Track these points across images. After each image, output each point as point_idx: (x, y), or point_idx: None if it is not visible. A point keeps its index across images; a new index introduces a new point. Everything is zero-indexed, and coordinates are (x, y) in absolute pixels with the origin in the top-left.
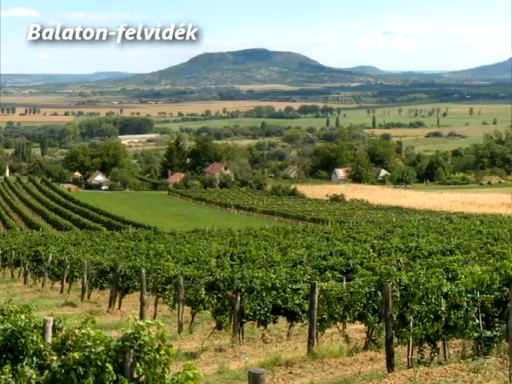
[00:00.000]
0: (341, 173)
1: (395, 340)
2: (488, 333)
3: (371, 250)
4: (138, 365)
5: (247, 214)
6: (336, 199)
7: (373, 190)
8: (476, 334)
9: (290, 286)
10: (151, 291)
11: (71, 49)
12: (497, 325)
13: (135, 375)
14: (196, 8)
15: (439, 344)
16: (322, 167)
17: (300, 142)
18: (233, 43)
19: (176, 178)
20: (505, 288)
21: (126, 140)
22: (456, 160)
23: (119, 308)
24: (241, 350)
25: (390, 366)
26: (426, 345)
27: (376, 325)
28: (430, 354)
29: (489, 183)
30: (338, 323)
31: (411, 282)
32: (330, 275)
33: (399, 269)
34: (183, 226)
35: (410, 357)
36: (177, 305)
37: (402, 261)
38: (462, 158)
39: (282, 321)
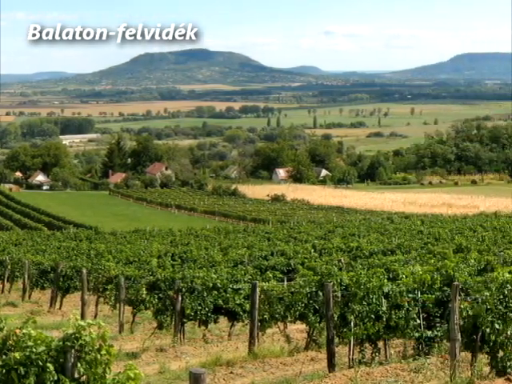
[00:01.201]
0: (282, 173)
1: (336, 340)
2: (429, 333)
3: (312, 250)
4: (79, 365)
5: (188, 214)
6: (277, 199)
7: (314, 190)
8: (417, 334)
9: (231, 286)
10: (92, 291)
11: (11, 48)
12: (438, 325)
13: (76, 375)
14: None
15: (380, 344)
16: (262, 167)
17: (241, 142)
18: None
19: (117, 178)
20: (446, 288)
21: (67, 140)
22: (397, 160)
23: (60, 308)
24: (182, 349)
25: (331, 365)
26: (367, 345)
27: (317, 325)
28: (371, 353)
29: (430, 183)
30: (279, 323)
31: (352, 282)
32: (271, 275)
33: (340, 269)
34: (124, 226)
35: (351, 357)
36: (118, 305)
37: (343, 261)
38: (403, 158)
39: (223, 321)
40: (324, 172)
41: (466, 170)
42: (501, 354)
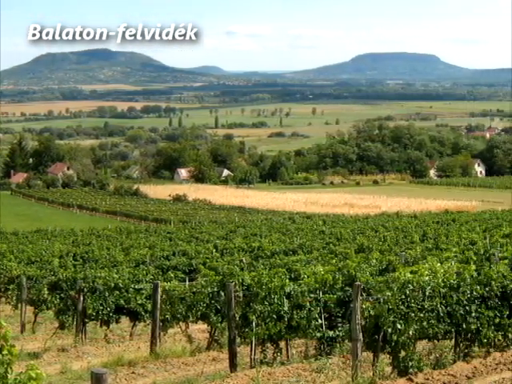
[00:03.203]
0: (183, 173)
1: (238, 340)
2: (331, 333)
3: (214, 250)
4: None
5: (90, 213)
6: (179, 199)
7: (215, 190)
8: (319, 334)
9: (132, 286)
10: None
11: None
12: (339, 325)
13: None
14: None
15: (282, 344)
16: (164, 167)
17: (143, 142)
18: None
19: (19, 178)
20: (347, 288)
21: None
22: (299, 160)
23: None
24: (84, 349)
25: (233, 366)
26: (268, 345)
27: (219, 325)
28: (273, 353)
29: (331, 183)
30: (180, 323)
31: (254, 282)
32: (172, 275)
33: (242, 269)
34: (26, 226)
35: (252, 357)
36: (20, 305)
37: (244, 261)
38: (305, 158)
39: (125, 321)
40: (226, 172)
41: (367, 170)
42: (402, 354)
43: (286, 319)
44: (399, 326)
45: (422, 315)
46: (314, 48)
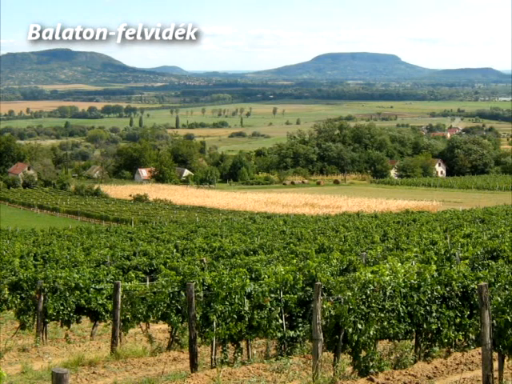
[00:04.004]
0: (144, 173)
1: (199, 340)
2: (291, 333)
3: (175, 250)
4: None
5: (51, 214)
6: (139, 199)
7: (176, 190)
8: (279, 334)
9: (93, 286)
10: None
11: None
12: (300, 325)
13: None
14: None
15: (243, 344)
16: (125, 167)
17: (103, 142)
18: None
19: None
20: (308, 288)
21: None
22: (259, 160)
23: None
24: (44, 349)
25: (194, 365)
26: (229, 345)
27: (179, 325)
28: (234, 353)
29: (292, 183)
30: (141, 323)
31: (214, 282)
32: (133, 275)
33: (203, 269)
34: None
35: (213, 357)
36: None
37: (205, 261)
38: (266, 158)
39: (86, 321)
40: (186, 172)
41: (328, 170)
42: (363, 354)
43: (247, 319)
44: (360, 326)
45: (382, 315)
46: (275, 48)
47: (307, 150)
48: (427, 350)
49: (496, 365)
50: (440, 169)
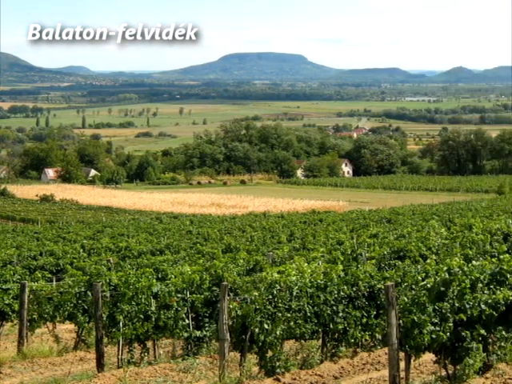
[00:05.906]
0: (51, 173)
1: (105, 340)
2: (198, 333)
3: (81, 250)
4: None
5: None
6: (46, 199)
7: (83, 190)
8: (186, 334)
9: None
10: None
11: None
12: (207, 325)
13: None
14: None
15: (149, 344)
16: (32, 167)
17: (10, 142)
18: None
19: None
20: (215, 288)
21: None
22: (166, 160)
23: None
24: None
25: (100, 365)
26: (136, 345)
27: (86, 325)
28: (140, 353)
29: (199, 183)
30: (48, 323)
31: (121, 282)
32: (40, 275)
33: (109, 269)
34: None
35: (120, 357)
36: None
37: (112, 261)
38: (172, 158)
39: None
40: (93, 172)
41: (235, 170)
42: (270, 354)
43: (154, 319)
44: (266, 326)
45: (289, 315)
46: (180, 48)
47: (214, 150)
48: (334, 350)
49: (402, 365)
50: (347, 169)
